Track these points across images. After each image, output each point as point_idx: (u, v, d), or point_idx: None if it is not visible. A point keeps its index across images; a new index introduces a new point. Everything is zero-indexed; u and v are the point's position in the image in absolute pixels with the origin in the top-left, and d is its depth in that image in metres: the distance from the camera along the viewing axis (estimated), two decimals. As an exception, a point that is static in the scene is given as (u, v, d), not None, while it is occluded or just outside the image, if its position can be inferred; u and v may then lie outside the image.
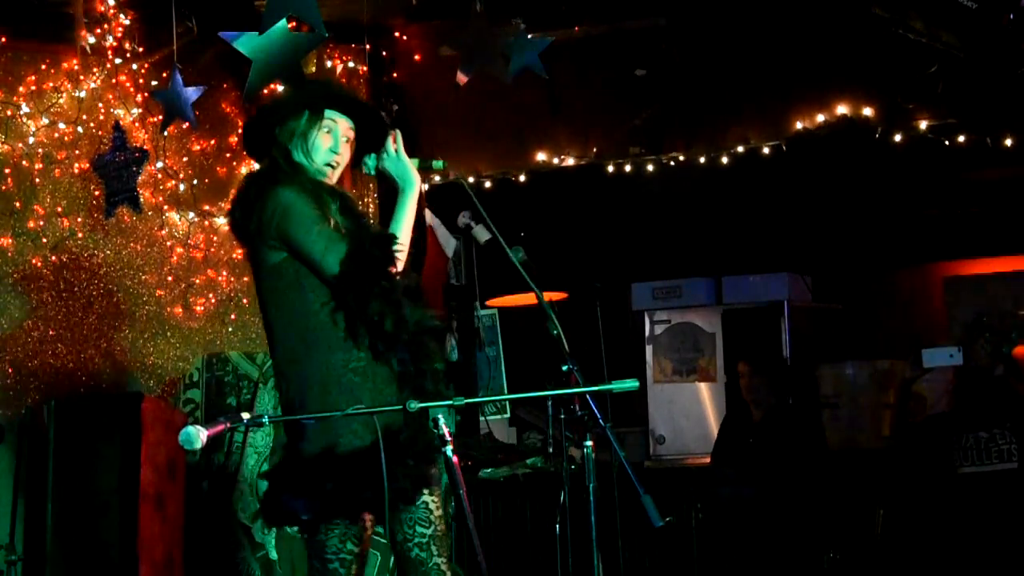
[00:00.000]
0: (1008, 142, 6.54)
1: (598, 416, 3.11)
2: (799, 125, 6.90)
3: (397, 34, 7.03)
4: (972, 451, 5.76)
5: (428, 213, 6.86)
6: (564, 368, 3.29)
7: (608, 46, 6.97)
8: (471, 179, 7.17)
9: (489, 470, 6.26)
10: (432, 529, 3.49)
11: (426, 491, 3.47)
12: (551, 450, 6.07)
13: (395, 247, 3.42)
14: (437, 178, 6.94)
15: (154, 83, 6.14)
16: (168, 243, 6.30)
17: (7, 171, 5.91)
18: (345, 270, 3.32)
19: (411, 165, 3.54)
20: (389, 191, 3.72)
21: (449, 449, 2.93)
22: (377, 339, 3.35)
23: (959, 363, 5.77)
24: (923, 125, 6.66)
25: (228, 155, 6.52)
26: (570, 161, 7.23)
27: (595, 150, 7.24)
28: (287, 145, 3.53)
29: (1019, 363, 5.81)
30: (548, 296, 3.54)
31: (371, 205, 6.54)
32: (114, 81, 6.12)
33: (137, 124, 6.16)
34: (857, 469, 6.21)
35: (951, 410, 5.99)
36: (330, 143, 3.53)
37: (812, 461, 6.09)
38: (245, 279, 6.50)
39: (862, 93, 6.76)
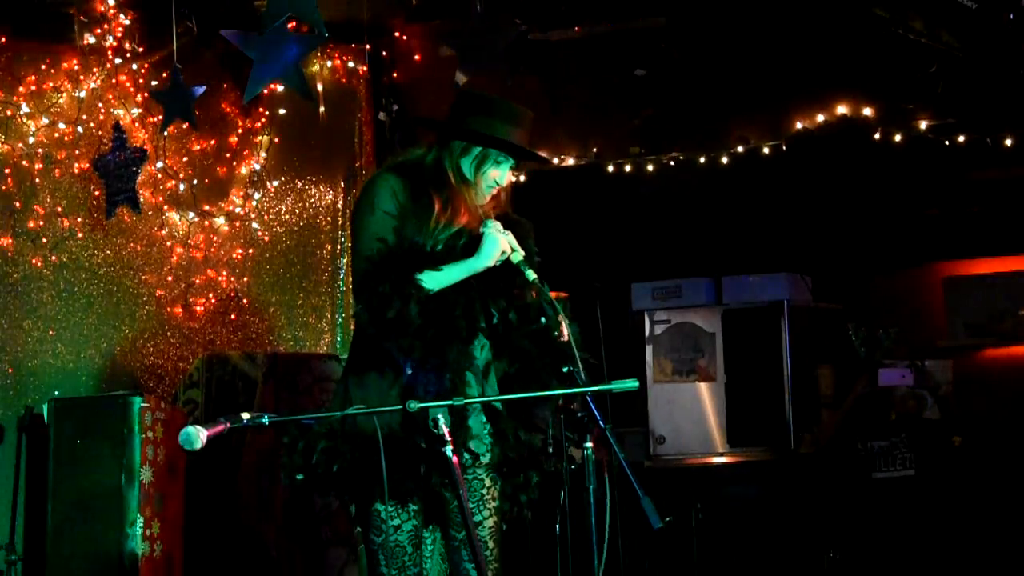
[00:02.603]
0: (1008, 142, 6.53)
1: (597, 417, 3.10)
2: (799, 125, 6.90)
3: (397, 34, 7.03)
4: (881, 458, 5.88)
5: None
6: (564, 369, 3.28)
7: (608, 46, 6.97)
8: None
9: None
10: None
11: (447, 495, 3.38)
12: (551, 450, 6.06)
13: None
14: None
15: (154, 83, 6.14)
16: (168, 243, 6.30)
17: (7, 171, 5.91)
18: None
19: (498, 246, 3.28)
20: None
21: (448, 449, 2.92)
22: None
23: (910, 384, 5.88)
24: (923, 125, 6.65)
25: (228, 155, 6.52)
26: (570, 161, 7.23)
27: (595, 150, 7.24)
28: (459, 152, 3.43)
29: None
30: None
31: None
32: (114, 81, 6.12)
33: (137, 124, 6.16)
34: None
35: (849, 420, 6.08)
36: (497, 176, 3.47)
37: None
38: (245, 279, 6.51)
39: (862, 93, 6.75)
